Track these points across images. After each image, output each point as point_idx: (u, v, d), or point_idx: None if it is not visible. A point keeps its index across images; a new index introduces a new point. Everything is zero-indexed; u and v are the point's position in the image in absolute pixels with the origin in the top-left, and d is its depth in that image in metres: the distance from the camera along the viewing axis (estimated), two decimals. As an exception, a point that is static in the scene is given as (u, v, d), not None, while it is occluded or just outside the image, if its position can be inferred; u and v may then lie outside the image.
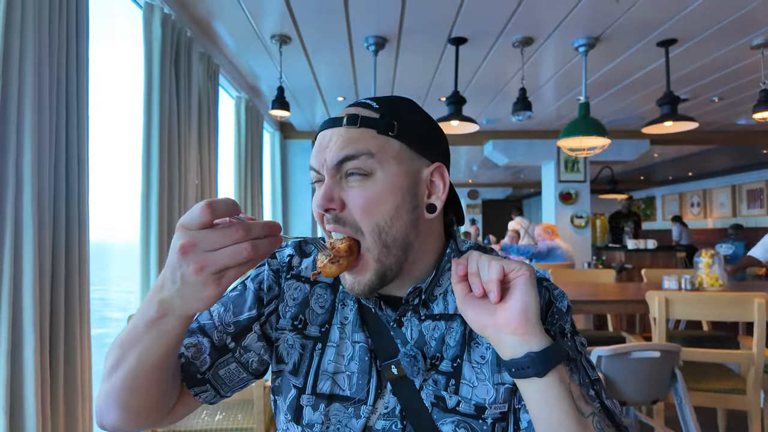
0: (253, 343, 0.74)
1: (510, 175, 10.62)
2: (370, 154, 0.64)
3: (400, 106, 0.70)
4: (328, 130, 0.67)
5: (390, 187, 0.65)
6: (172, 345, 0.59)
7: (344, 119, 0.66)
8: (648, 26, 2.97)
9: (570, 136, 3.14)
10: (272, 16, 2.86)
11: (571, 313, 0.75)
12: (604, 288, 3.24)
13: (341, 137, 0.65)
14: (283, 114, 3.47)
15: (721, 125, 5.69)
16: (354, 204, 0.64)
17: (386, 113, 0.67)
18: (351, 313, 0.73)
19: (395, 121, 0.67)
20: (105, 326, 6.64)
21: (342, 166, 0.65)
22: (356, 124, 0.66)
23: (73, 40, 1.83)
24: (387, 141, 0.66)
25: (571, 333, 0.72)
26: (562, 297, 0.74)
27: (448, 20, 2.91)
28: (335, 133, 0.66)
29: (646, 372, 1.94)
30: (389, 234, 0.65)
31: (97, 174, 2.01)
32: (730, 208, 9.97)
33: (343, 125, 0.66)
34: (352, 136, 0.65)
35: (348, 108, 0.70)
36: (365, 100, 0.70)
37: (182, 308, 0.53)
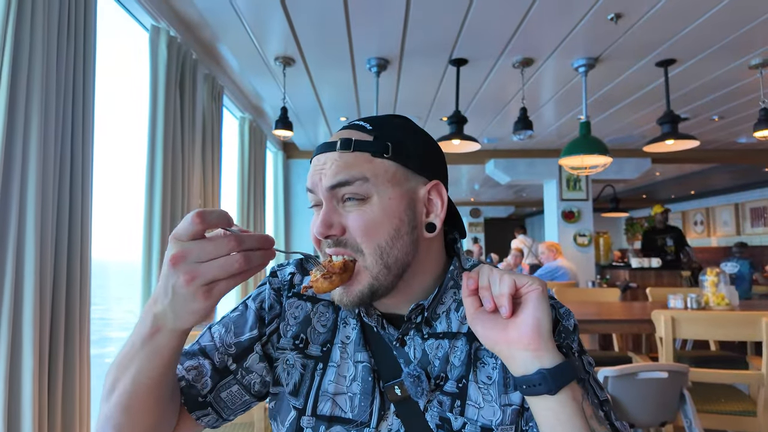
0: (255, 364, 0.72)
1: (512, 193, 10.64)
2: (365, 179, 0.64)
3: (394, 126, 0.69)
4: (322, 155, 0.67)
5: (387, 210, 0.64)
6: (167, 362, 0.58)
7: (337, 144, 0.66)
8: (647, 47, 3.01)
9: (571, 155, 3.15)
10: (276, 38, 2.91)
11: (578, 332, 0.73)
12: (609, 307, 3.20)
13: (335, 162, 0.65)
14: (287, 134, 3.50)
15: (722, 144, 5.71)
16: (354, 227, 0.64)
17: (379, 135, 0.67)
18: (353, 332, 0.72)
19: (389, 142, 0.66)
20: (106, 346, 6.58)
21: (337, 191, 0.64)
22: (350, 148, 0.65)
23: (80, 61, 1.87)
24: (382, 163, 0.65)
25: (579, 352, 0.71)
26: (569, 315, 0.72)
27: (449, 42, 2.95)
28: (329, 158, 0.66)
29: (654, 393, 1.90)
30: (390, 255, 0.64)
31: (100, 192, 2.02)
32: (734, 227, 9.93)
33: (337, 150, 0.65)
34: (346, 161, 0.64)
35: (341, 131, 0.69)
36: (358, 122, 0.70)
37: (174, 322, 0.53)
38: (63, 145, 1.78)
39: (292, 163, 6.14)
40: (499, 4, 2.51)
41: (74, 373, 1.81)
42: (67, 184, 1.79)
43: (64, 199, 1.78)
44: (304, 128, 5.07)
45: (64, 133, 1.78)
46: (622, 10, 2.57)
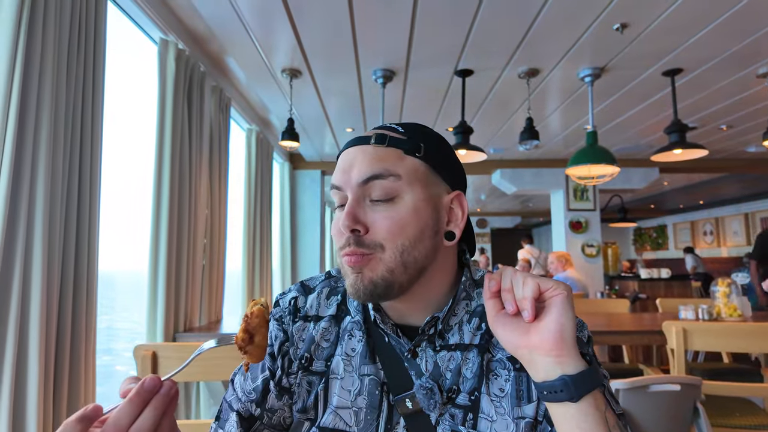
0: (276, 403, 0.72)
1: (518, 203, 10.60)
2: (398, 176, 0.63)
3: (424, 131, 0.70)
4: (353, 147, 0.66)
5: (415, 211, 0.63)
6: None
7: (372, 138, 0.66)
8: (653, 56, 3.01)
9: (579, 165, 3.14)
10: (283, 51, 2.94)
11: (592, 344, 0.72)
12: (618, 318, 3.16)
13: (368, 155, 0.64)
14: (293, 145, 3.52)
15: (731, 153, 5.67)
16: (379, 227, 0.62)
17: (412, 136, 0.67)
18: (359, 345, 0.71)
19: (422, 143, 0.67)
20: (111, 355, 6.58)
21: (368, 184, 0.63)
22: (384, 143, 0.65)
23: (90, 74, 1.89)
24: (413, 162, 0.65)
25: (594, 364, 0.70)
26: (582, 326, 0.72)
27: (454, 53, 2.97)
28: (361, 150, 0.65)
29: (667, 407, 1.86)
30: (410, 254, 0.63)
31: (108, 203, 2.04)
32: (744, 237, 9.82)
33: (371, 143, 0.65)
34: (380, 155, 0.64)
35: (373, 130, 0.70)
36: (390, 125, 0.70)
37: None
38: (72, 156, 1.79)
39: (299, 174, 6.16)
40: (505, 15, 2.53)
41: (80, 383, 1.81)
42: (75, 194, 1.81)
43: (72, 209, 1.79)
44: (310, 139, 5.10)
45: (73, 145, 1.80)
46: (628, 20, 2.57)
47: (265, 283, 4.41)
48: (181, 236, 2.72)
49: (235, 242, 4.08)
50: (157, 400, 0.49)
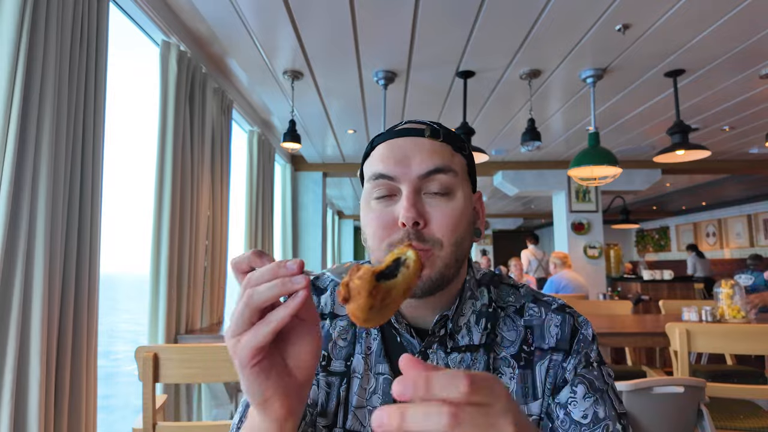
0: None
1: (520, 205, 10.59)
2: (455, 172, 0.64)
3: (454, 132, 0.70)
4: (404, 138, 0.65)
5: (465, 207, 0.64)
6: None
7: (426, 131, 0.65)
8: (655, 57, 3.00)
9: (581, 166, 3.13)
10: (285, 53, 2.94)
11: (597, 343, 0.71)
12: (621, 320, 3.14)
13: (426, 148, 0.63)
14: (295, 146, 3.52)
15: (734, 154, 5.65)
16: (439, 222, 0.61)
17: (453, 135, 0.67)
18: (374, 343, 0.70)
19: (462, 143, 0.67)
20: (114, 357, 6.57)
21: (429, 178, 0.62)
22: (439, 137, 0.65)
23: (92, 76, 1.89)
24: (461, 160, 0.66)
25: (598, 362, 0.69)
26: (587, 325, 0.71)
27: (456, 54, 2.97)
28: (417, 143, 0.64)
29: (670, 409, 1.85)
30: (461, 250, 0.64)
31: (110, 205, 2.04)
32: (747, 239, 9.78)
33: (426, 136, 0.64)
34: (437, 149, 0.64)
35: (412, 122, 0.68)
36: (421, 121, 0.69)
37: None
38: (73, 157, 1.80)
39: (300, 176, 6.17)
40: (507, 16, 2.52)
41: (81, 385, 1.81)
42: (76, 196, 1.81)
43: (74, 210, 1.80)
44: (311, 141, 5.10)
45: (75, 147, 1.80)
46: (629, 21, 2.56)
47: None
48: (183, 238, 2.72)
49: (236, 244, 4.08)
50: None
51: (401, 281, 0.43)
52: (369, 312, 0.40)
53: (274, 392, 0.46)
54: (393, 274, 0.43)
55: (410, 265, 0.44)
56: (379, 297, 0.41)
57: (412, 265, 0.44)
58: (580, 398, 0.64)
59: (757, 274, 7.14)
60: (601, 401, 0.65)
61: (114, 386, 5.95)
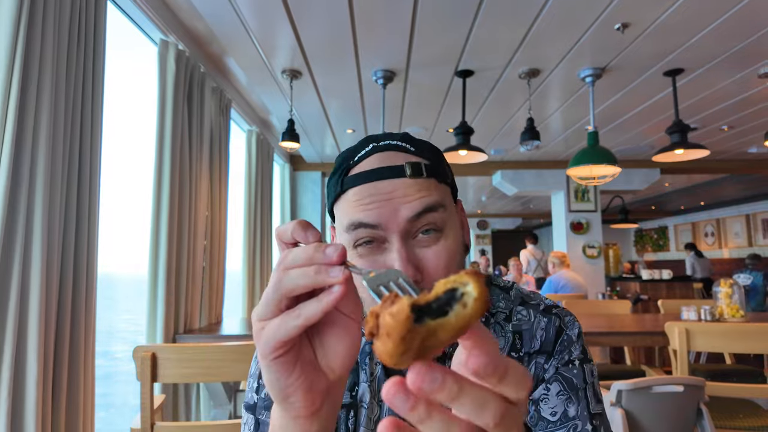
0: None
1: (519, 205, 10.59)
2: (444, 206, 0.60)
3: (429, 146, 0.66)
4: (384, 181, 0.59)
5: (458, 241, 0.62)
6: None
7: (406, 168, 0.59)
8: (654, 56, 3.00)
9: (580, 165, 3.12)
10: (283, 52, 2.94)
11: (583, 339, 0.69)
12: (620, 319, 3.14)
13: (410, 187, 0.59)
14: (293, 146, 3.51)
15: (732, 154, 5.66)
16: (436, 265, 0.58)
17: (432, 158, 0.63)
18: (378, 368, 0.67)
19: (445, 167, 0.64)
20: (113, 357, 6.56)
21: (419, 220, 0.58)
22: (422, 173, 0.59)
23: (89, 75, 1.88)
24: (445, 189, 0.62)
25: (581, 360, 0.66)
26: (573, 324, 0.69)
27: (455, 53, 2.96)
28: (399, 184, 0.59)
29: (670, 408, 1.85)
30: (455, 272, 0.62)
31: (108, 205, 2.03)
32: (746, 238, 9.79)
33: (408, 175, 0.59)
34: (423, 186, 0.59)
35: (386, 153, 0.62)
36: (398, 143, 0.63)
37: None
38: (71, 157, 1.79)
39: (299, 176, 6.16)
40: (505, 16, 2.52)
41: (78, 385, 1.80)
42: (74, 195, 1.80)
43: (71, 210, 1.79)
44: (310, 140, 5.09)
45: (72, 146, 1.79)
46: (629, 20, 2.56)
47: (266, 284, 4.39)
48: (182, 237, 2.71)
49: (235, 244, 4.07)
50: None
51: (453, 322, 0.31)
52: (401, 357, 0.31)
53: (296, 390, 0.40)
54: (442, 310, 0.32)
55: (468, 303, 0.32)
56: (418, 340, 0.31)
57: (472, 304, 0.31)
58: (553, 395, 0.63)
59: (756, 274, 7.15)
60: (574, 400, 0.63)
61: (113, 386, 5.93)
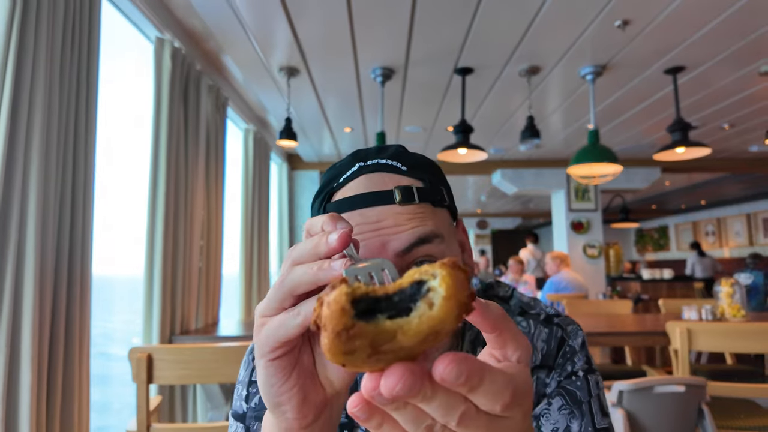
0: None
1: (519, 204, 10.56)
2: (441, 236, 0.53)
3: (425, 164, 0.59)
4: (372, 209, 0.52)
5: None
6: None
7: (395, 194, 0.53)
8: (655, 54, 2.98)
9: (581, 163, 3.10)
10: (281, 49, 2.91)
11: (587, 348, 0.66)
12: (621, 319, 3.12)
13: (400, 216, 0.52)
14: (291, 144, 3.48)
15: (733, 152, 5.63)
16: None
17: (426, 178, 0.56)
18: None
19: (441, 186, 0.57)
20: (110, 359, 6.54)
21: (411, 252, 0.52)
22: (413, 199, 0.53)
23: (84, 73, 1.86)
24: (442, 214, 0.56)
25: (585, 371, 0.63)
26: (576, 334, 0.66)
27: (454, 51, 2.94)
28: (387, 213, 0.52)
29: (671, 408, 1.82)
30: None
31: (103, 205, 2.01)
32: (746, 238, 9.76)
33: (396, 202, 0.52)
34: (415, 214, 0.53)
35: (371, 176, 0.55)
36: (389, 162, 0.56)
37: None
38: (65, 156, 1.76)
39: (297, 175, 6.13)
40: (505, 12, 2.49)
41: (73, 387, 1.78)
42: (68, 195, 1.77)
43: (66, 210, 1.76)
44: (308, 139, 5.07)
45: (66, 145, 1.77)
46: (629, 17, 2.53)
47: (263, 285, 4.37)
48: (177, 237, 2.69)
49: (232, 244, 4.04)
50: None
51: (416, 325, 0.24)
52: (345, 357, 0.24)
53: (289, 398, 0.38)
54: (401, 307, 0.25)
55: (435, 302, 0.24)
56: (366, 340, 0.24)
57: (440, 304, 0.24)
58: (555, 410, 0.60)
59: (757, 273, 7.12)
60: (578, 414, 0.59)
61: (111, 388, 5.91)
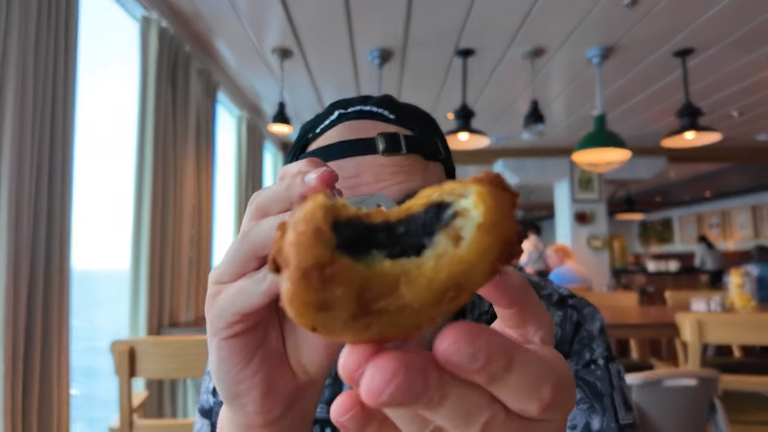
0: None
1: (521, 195, 10.44)
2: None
3: (419, 114, 0.53)
4: (350, 159, 0.46)
5: None
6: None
7: (378, 142, 0.46)
8: (664, 35, 2.85)
9: (587, 148, 2.96)
10: (273, 29, 2.80)
11: (606, 334, 0.58)
12: (626, 312, 3.03)
13: (384, 168, 0.46)
14: (284, 130, 3.36)
15: (740, 141, 5.50)
16: None
17: (418, 127, 0.50)
18: None
19: (435, 137, 0.51)
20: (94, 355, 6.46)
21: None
22: (400, 148, 0.46)
23: (62, 52, 1.77)
24: (434, 168, 0.50)
25: (606, 359, 0.56)
26: (593, 317, 0.58)
27: (454, 30, 2.81)
28: (368, 163, 0.46)
29: (681, 403, 1.75)
30: None
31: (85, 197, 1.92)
32: (752, 230, 9.63)
33: (380, 151, 0.46)
34: (402, 167, 0.46)
35: (352, 123, 0.48)
36: (377, 110, 0.50)
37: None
38: (41, 143, 1.68)
39: (295, 166, 6.02)
40: (506, -12, 2.38)
41: (51, 384, 1.70)
42: (45, 184, 1.69)
43: (42, 201, 1.69)
44: (306, 129, 4.96)
45: (42, 131, 1.68)
46: (638, -8, 2.41)
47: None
48: (166, 227, 2.59)
49: (224, 234, 3.94)
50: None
51: (430, 270, 0.16)
52: (314, 314, 0.16)
53: (250, 387, 0.29)
54: (409, 243, 0.17)
55: (464, 232, 0.17)
56: (347, 291, 0.16)
57: (473, 235, 0.17)
58: None
59: (762, 266, 7.01)
60: (599, 409, 0.52)
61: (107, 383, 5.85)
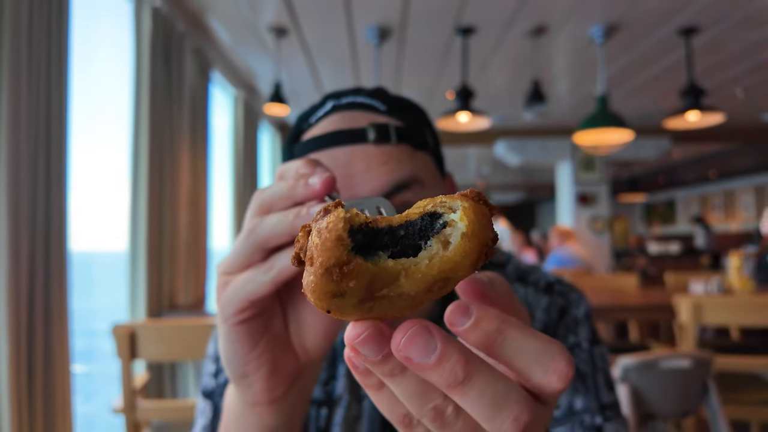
0: None
1: (522, 177, 10.39)
2: (421, 181, 0.48)
3: (410, 105, 0.53)
4: (342, 148, 0.47)
5: None
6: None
7: (369, 132, 0.47)
8: (669, 11, 2.78)
9: (589, 128, 2.91)
10: (269, 6, 2.74)
11: (592, 319, 0.59)
12: (627, 294, 3.04)
13: (374, 157, 0.46)
14: (281, 111, 3.32)
15: (745, 121, 5.42)
16: None
17: (408, 118, 0.51)
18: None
19: (423, 128, 0.51)
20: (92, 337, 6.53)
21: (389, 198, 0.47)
22: (389, 138, 0.47)
23: (55, 33, 1.75)
24: (423, 159, 0.50)
25: (590, 342, 0.57)
26: (579, 302, 0.59)
27: (454, 6, 2.75)
28: (359, 153, 0.46)
29: (676, 383, 1.77)
30: None
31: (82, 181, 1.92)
32: (755, 211, 9.57)
33: (370, 141, 0.46)
34: (391, 156, 0.47)
35: (344, 114, 0.50)
36: (368, 101, 0.51)
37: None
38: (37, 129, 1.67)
39: (295, 148, 5.97)
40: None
41: (54, 363, 1.74)
42: (42, 168, 1.69)
43: (40, 185, 1.70)
44: (300, 107, 4.90)
45: (38, 114, 1.68)
46: (642, -33, 2.34)
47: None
48: (162, 210, 2.58)
49: (221, 216, 3.93)
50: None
51: (425, 268, 0.20)
52: (332, 300, 0.21)
53: (257, 368, 0.33)
54: (408, 245, 0.21)
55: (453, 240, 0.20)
56: (359, 284, 0.20)
57: (458, 242, 0.20)
58: None
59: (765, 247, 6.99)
60: (581, 389, 0.54)
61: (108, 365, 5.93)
